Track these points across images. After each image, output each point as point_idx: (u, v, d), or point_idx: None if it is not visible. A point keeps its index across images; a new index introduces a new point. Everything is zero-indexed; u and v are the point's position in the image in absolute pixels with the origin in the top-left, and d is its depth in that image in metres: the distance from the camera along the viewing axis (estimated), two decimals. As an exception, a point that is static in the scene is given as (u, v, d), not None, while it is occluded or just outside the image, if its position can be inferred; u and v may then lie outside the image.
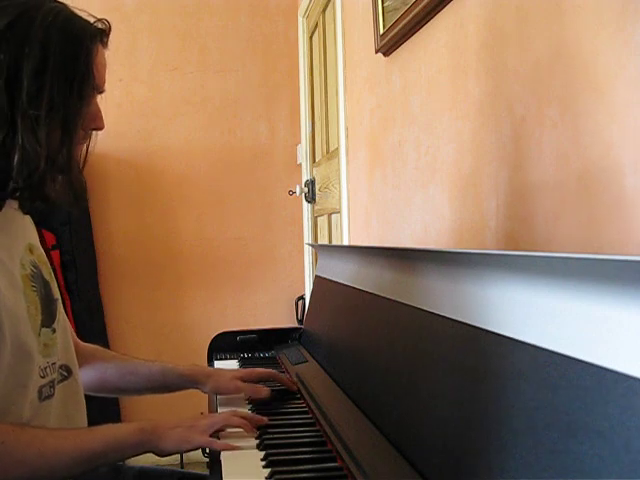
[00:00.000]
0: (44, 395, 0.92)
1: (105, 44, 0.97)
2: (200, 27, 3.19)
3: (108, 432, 0.90)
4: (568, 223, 0.88)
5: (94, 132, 0.99)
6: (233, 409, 1.07)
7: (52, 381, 0.95)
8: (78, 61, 0.89)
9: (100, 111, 0.98)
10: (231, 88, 3.21)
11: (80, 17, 0.93)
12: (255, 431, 0.95)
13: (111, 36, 0.98)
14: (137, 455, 0.90)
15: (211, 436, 0.93)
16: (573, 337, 0.52)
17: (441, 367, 0.75)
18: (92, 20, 0.95)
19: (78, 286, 2.84)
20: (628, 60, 0.75)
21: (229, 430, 0.95)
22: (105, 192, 3.10)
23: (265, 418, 0.98)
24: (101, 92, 0.98)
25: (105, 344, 3.05)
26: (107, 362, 1.17)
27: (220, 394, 1.16)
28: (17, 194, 0.90)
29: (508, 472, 0.55)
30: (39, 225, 1.03)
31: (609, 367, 0.46)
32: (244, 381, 1.15)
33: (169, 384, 1.16)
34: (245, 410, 1.01)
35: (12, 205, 0.93)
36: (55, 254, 2.77)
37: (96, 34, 0.93)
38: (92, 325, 2.93)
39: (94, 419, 1.01)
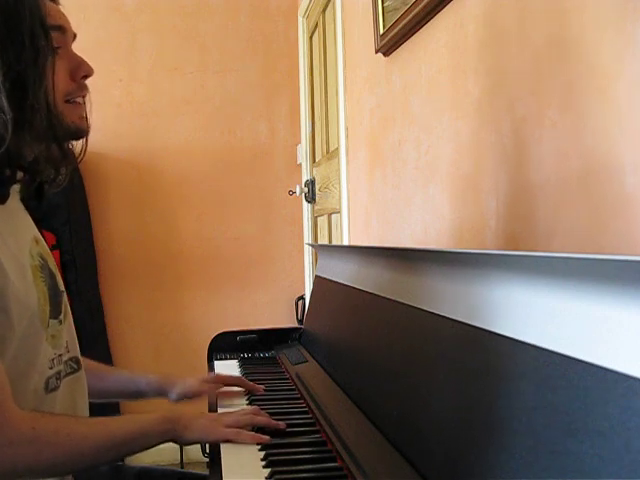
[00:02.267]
0: (50, 387, 0.92)
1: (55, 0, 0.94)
2: (200, 27, 3.19)
3: (133, 421, 0.91)
4: (568, 223, 0.88)
5: (91, 115, 0.97)
6: (241, 407, 1.06)
7: (59, 373, 0.95)
8: (20, 14, 0.85)
9: (80, 57, 0.95)
10: (231, 88, 3.21)
11: None
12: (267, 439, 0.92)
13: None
14: (161, 444, 0.90)
15: None
16: (573, 337, 0.52)
17: (441, 367, 0.75)
18: None
19: (78, 286, 2.83)
20: (628, 59, 0.75)
21: None
22: (105, 192, 3.10)
23: (283, 424, 0.96)
24: (73, 38, 0.96)
25: (105, 344, 3.06)
26: None
27: (186, 396, 1.16)
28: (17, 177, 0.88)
29: (508, 472, 0.55)
30: (39, 225, 1.03)
31: (609, 367, 0.46)
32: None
33: (137, 390, 1.16)
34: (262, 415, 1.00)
35: (15, 196, 0.94)
36: (55, 254, 2.77)
37: None
38: (92, 325, 2.93)
39: (94, 415, 1.01)
